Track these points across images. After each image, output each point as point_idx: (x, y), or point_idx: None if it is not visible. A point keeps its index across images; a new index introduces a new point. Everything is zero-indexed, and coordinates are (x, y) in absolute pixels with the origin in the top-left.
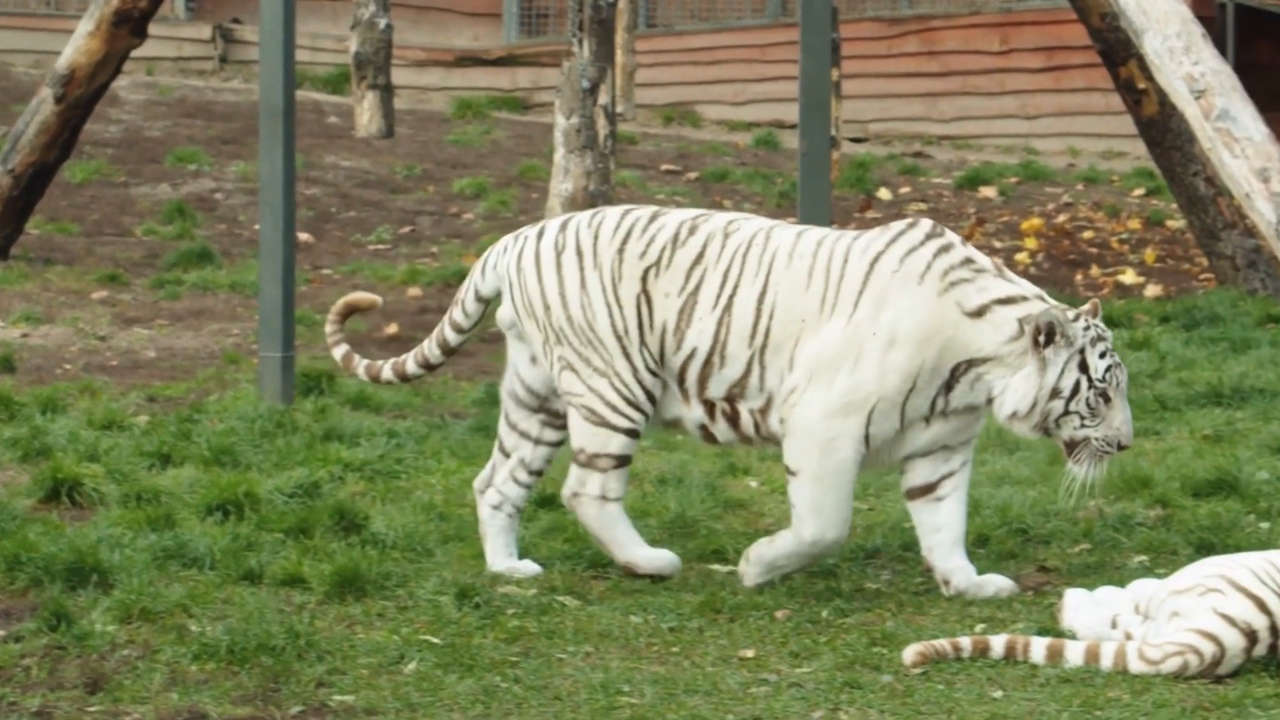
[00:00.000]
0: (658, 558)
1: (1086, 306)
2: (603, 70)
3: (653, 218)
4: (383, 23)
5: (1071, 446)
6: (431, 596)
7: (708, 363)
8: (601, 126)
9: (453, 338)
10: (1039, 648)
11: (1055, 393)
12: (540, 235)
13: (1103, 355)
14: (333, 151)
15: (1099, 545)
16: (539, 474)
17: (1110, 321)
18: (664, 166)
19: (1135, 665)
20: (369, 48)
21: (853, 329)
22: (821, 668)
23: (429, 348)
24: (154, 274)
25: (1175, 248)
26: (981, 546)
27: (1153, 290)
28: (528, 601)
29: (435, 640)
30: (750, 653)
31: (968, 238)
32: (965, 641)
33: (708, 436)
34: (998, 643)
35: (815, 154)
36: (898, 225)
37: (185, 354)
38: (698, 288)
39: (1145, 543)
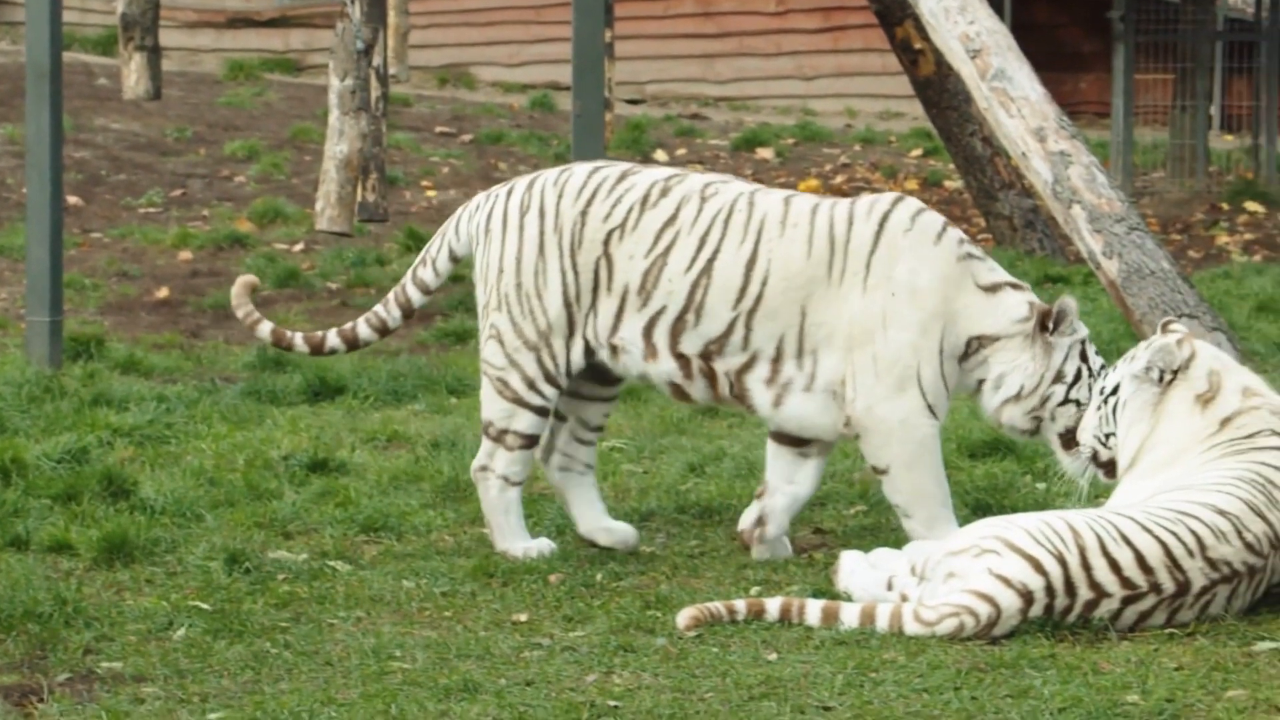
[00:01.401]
0: (534, 549)
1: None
2: (376, 31)
3: (621, 177)
4: None
5: (1066, 438)
6: (201, 562)
7: (680, 320)
8: (374, 88)
9: (417, 298)
10: (814, 610)
11: (1059, 377)
12: (509, 194)
13: (1096, 352)
14: (102, 114)
15: (875, 507)
16: (600, 429)
17: None
18: (439, 129)
19: (911, 627)
20: (136, 9)
21: (870, 296)
22: (595, 631)
23: (387, 310)
24: None
25: (953, 208)
26: None
27: None
28: (298, 567)
29: (205, 606)
30: (524, 617)
31: None
32: (740, 604)
33: (680, 394)
34: (773, 605)
35: (589, 116)
36: (889, 195)
37: None
38: (668, 250)
39: None
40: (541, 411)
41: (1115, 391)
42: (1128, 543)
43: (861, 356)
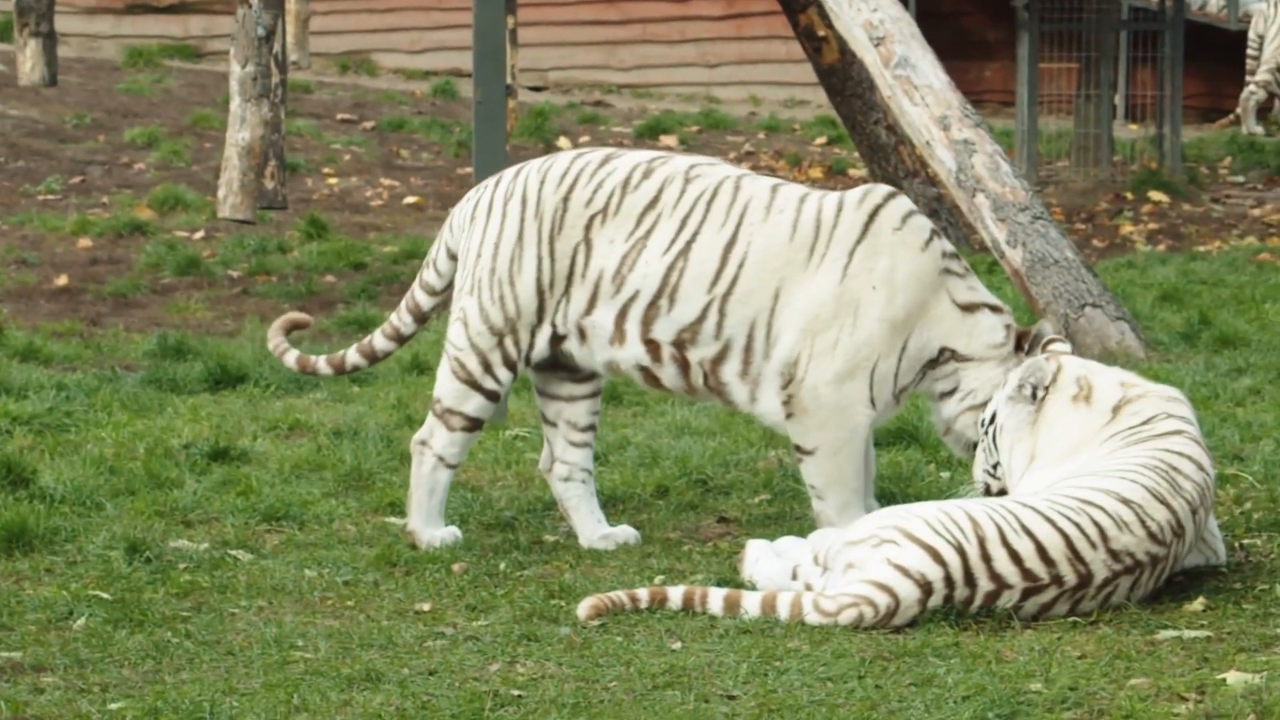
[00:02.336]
0: (438, 538)
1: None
2: (276, 17)
3: (603, 161)
4: None
5: None
6: (101, 551)
7: (653, 305)
8: (274, 75)
9: (426, 302)
10: (716, 599)
11: None
12: (497, 183)
13: None
14: (0, 101)
15: (779, 495)
16: (592, 429)
17: None
18: (340, 116)
19: (811, 617)
20: None
21: (848, 283)
22: (499, 620)
23: (399, 318)
24: None
25: None
26: (661, 498)
27: None
28: (200, 556)
29: (105, 595)
30: (427, 606)
31: None
32: (643, 593)
33: (650, 379)
34: (675, 594)
35: (490, 103)
36: (883, 188)
37: None
38: (649, 232)
39: None
40: (493, 396)
41: (994, 420)
42: (1029, 533)
43: (823, 340)
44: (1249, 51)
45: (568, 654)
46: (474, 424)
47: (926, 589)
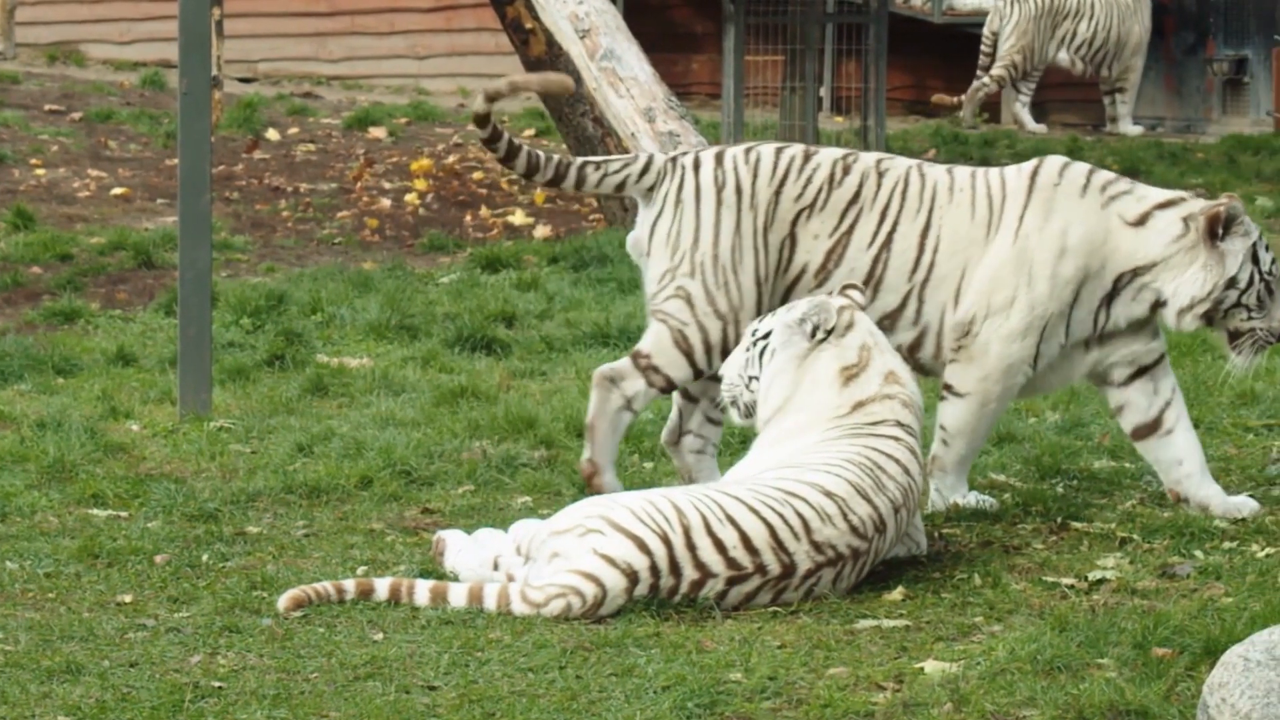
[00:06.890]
0: (614, 485)
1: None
2: None
3: (806, 157)
4: None
5: (1235, 336)
6: None
7: None
8: None
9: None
10: (423, 590)
11: (1232, 283)
12: (696, 168)
13: (1267, 248)
14: None
15: (483, 486)
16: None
17: (499, 263)
18: (48, 107)
19: (518, 607)
20: None
21: (1020, 245)
22: (200, 612)
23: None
24: None
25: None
26: (365, 489)
27: (542, 231)
28: None
29: None
30: (128, 598)
31: (356, 178)
32: (349, 584)
33: None
34: (382, 585)
35: (196, 94)
36: (1050, 159)
37: None
38: (852, 227)
39: (529, 483)
40: (699, 374)
41: (767, 336)
42: (733, 523)
43: (1000, 298)
44: (983, 48)
45: (269, 645)
46: (672, 387)
47: (632, 578)
